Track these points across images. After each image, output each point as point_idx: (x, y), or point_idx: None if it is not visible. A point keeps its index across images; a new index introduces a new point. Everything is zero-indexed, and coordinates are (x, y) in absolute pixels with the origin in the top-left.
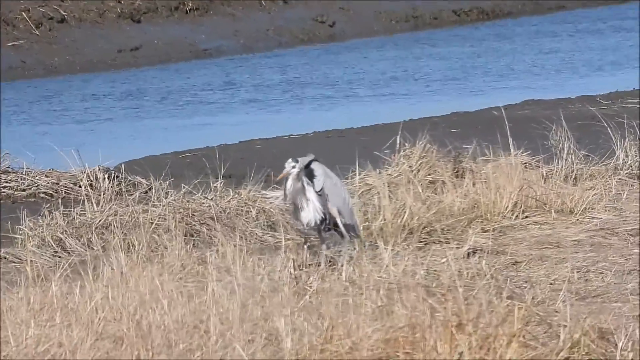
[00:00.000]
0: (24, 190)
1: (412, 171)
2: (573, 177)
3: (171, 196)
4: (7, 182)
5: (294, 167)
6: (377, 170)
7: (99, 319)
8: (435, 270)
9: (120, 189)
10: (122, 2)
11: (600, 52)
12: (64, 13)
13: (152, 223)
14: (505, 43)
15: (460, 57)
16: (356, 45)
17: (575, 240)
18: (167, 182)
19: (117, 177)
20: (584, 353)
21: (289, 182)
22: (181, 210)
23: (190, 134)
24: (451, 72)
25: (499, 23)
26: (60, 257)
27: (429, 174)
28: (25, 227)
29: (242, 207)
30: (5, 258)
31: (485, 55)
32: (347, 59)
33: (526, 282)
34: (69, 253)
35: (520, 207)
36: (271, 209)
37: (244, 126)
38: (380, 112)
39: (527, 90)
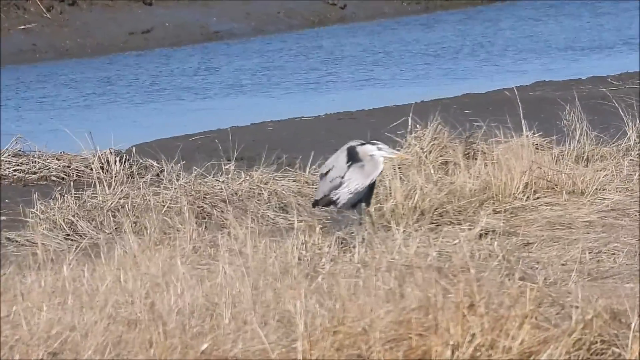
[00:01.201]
0: (35, 173)
1: (424, 153)
2: (584, 158)
3: (183, 179)
4: (18, 165)
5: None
6: None
7: (112, 302)
8: (447, 252)
9: (132, 171)
10: None
11: (610, 32)
12: None
13: (163, 206)
14: (517, 23)
15: (471, 38)
16: (367, 27)
17: (586, 221)
18: (179, 164)
19: (129, 160)
20: (596, 334)
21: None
22: (193, 192)
23: (201, 117)
24: (463, 54)
25: (510, 3)
26: (72, 240)
27: (441, 156)
28: (37, 210)
29: (254, 189)
30: (16, 241)
31: (496, 36)
32: (358, 41)
33: (538, 263)
34: (81, 236)
35: (532, 188)
36: (283, 191)
37: (256, 108)
38: (392, 94)
39: (538, 70)
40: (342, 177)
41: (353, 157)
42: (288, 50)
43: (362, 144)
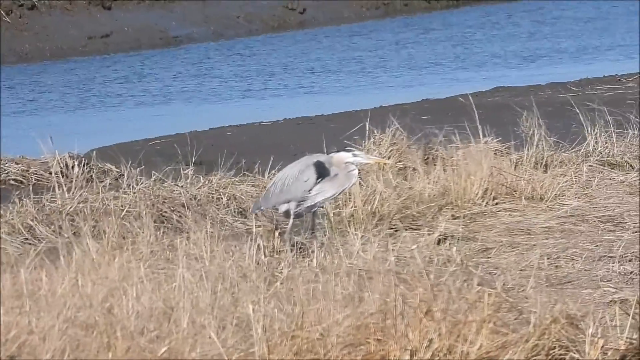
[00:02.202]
0: None
1: (383, 158)
2: (543, 163)
3: (142, 183)
4: None
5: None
6: None
7: (69, 305)
8: (405, 257)
9: (91, 176)
10: None
11: (571, 40)
12: (34, 0)
13: (122, 210)
14: (476, 30)
15: (430, 44)
16: (327, 32)
17: (545, 227)
18: (138, 169)
19: (88, 164)
20: (554, 339)
21: None
22: (152, 197)
23: (161, 121)
24: (422, 59)
25: (468, 10)
26: (30, 244)
27: (400, 161)
28: None
29: (212, 194)
30: None
31: (455, 42)
32: (317, 46)
33: (496, 268)
34: (40, 240)
35: (491, 194)
36: (242, 196)
37: (215, 113)
38: (351, 99)
39: (497, 77)
40: (309, 191)
41: (322, 173)
42: (247, 55)
43: (337, 152)
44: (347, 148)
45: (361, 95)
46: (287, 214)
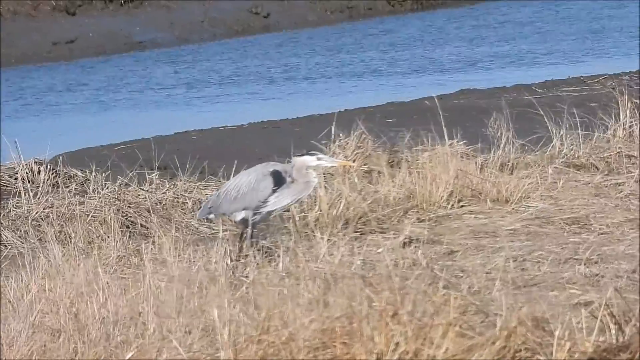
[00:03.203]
0: None
1: (348, 161)
2: (509, 166)
3: (107, 188)
4: None
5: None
6: None
7: (36, 311)
8: (371, 260)
9: (57, 181)
10: None
11: (532, 43)
12: None
13: (88, 215)
14: (440, 32)
15: (394, 47)
16: (291, 36)
17: (511, 230)
18: (104, 174)
19: (54, 169)
20: (520, 342)
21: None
22: (117, 202)
23: (126, 126)
24: (386, 62)
25: (432, 13)
26: None
27: (365, 164)
28: None
29: (178, 198)
30: None
31: (419, 45)
32: (281, 50)
33: (462, 271)
34: (5, 245)
35: (456, 197)
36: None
37: (179, 118)
38: (315, 103)
39: (462, 80)
40: (264, 201)
41: (279, 182)
42: (211, 60)
43: (301, 155)
44: (311, 152)
45: (326, 99)
46: (244, 222)
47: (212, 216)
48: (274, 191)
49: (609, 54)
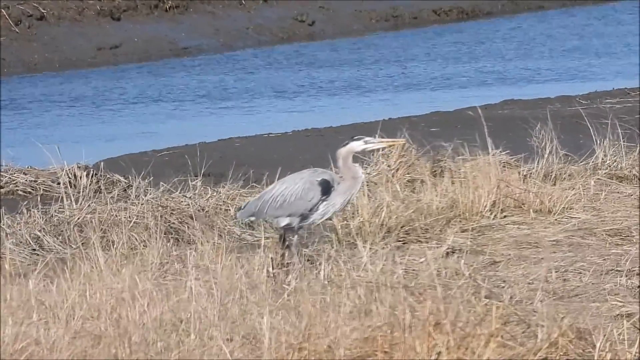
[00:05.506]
0: (1, 187)
1: (391, 170)
2: (552, 176)
3: (150, 194)
4: None
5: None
6: None
7: (77, 316)
8: (413, 270)
9: (99, 186)
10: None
11: (581, 53)
12: (43, 11)
13: (130, 221)
14: (486, 43)
15: (440, 56)
16: (336, 44)
17: (553, 240)
18: (146, 180)
19: (96, 174)
20: (561, 353)
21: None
22: (160, 208)
23: (170, 132)
24: (431, 72)
25: (479, 23)
26: (38, 254)
27: (408, 173)
28: (3, 225)
29: (220, 205)
30: None
31: (466, 55)
32: (326, 58)
33: (504, 281)
34: (47, 251)
35: (499, 207)
36: None
37: (224, 124)
38: (360, 111)
39: (507, 90)
40: (310, 210)
41: (327, 191)
42: (256, 67)
43: (346, 144)
44: (357, 137)
45: (371, 107)
46: (289, 228)
47: (253, 218)
48: (321, 200)
49: None
